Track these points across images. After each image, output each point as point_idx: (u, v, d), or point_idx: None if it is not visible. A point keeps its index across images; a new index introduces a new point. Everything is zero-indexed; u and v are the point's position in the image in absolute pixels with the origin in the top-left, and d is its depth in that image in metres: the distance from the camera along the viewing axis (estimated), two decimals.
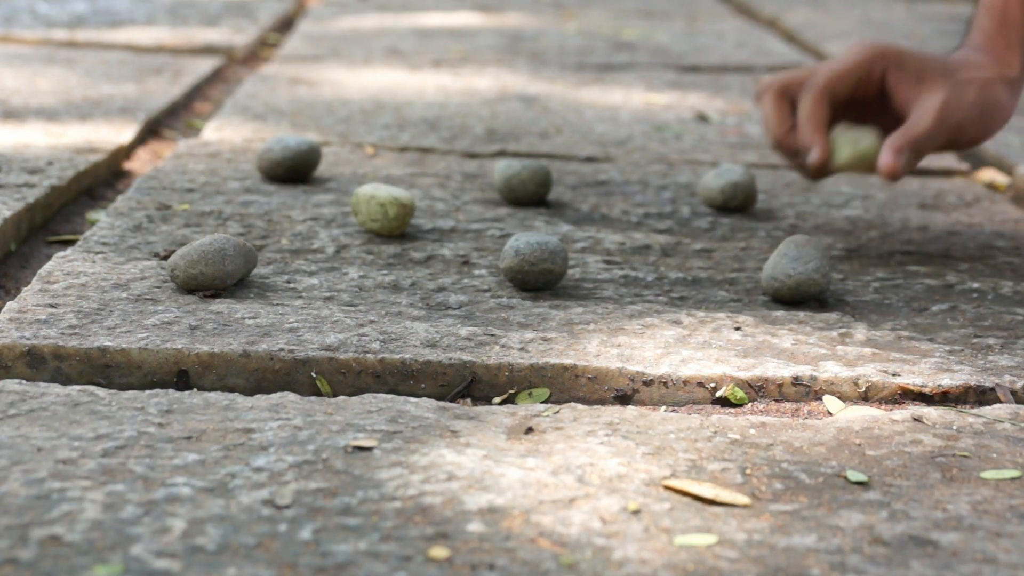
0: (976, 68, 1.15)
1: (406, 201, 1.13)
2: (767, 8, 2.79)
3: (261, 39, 2.26)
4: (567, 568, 0.63)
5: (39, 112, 1.54)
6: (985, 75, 1.15)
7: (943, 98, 1.12)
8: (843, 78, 1.14)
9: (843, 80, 1.14)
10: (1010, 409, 0.85)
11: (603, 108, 1.74)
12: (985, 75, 1.15)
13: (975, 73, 1.14)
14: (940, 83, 1.13)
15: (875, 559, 0.65)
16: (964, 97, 1.13)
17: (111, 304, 0.96)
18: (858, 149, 1.11)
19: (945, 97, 1.12)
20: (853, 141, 1.11)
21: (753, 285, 1.06)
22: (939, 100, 1.12)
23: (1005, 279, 1.10)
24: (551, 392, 0.88)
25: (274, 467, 0.72)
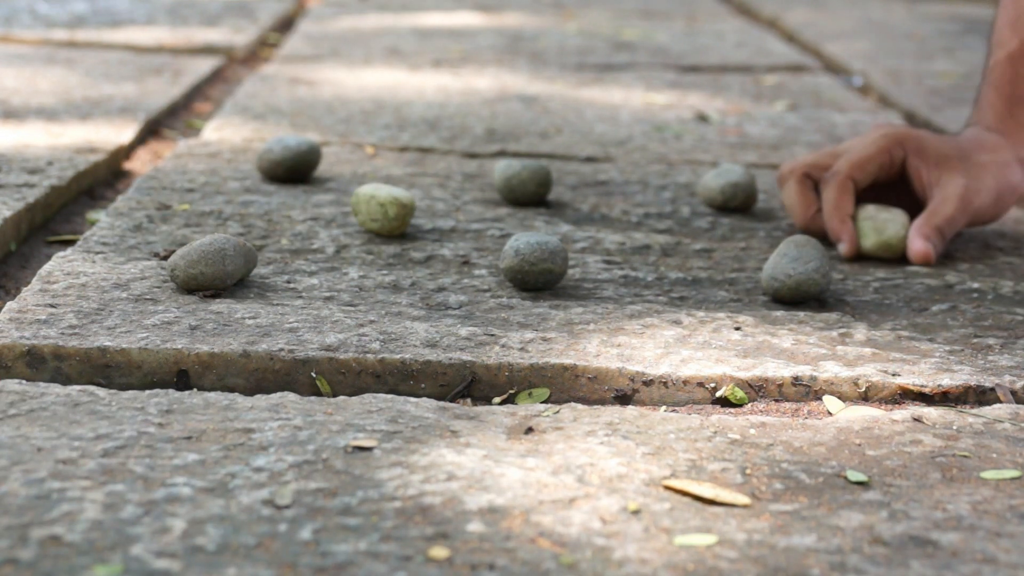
0: (991, 151, 1.18)
1: (406, 201, 1.13)
2: (767, 8, 2.79)
3: (261, 39, 2.26)
4: (567, 568, 0.63)
5: (39, 112, 1.55)
6: (1000, 158, 1.17)
7: (963, 185, 1.15)
8: (865, 166, 1.17)
9: (865, 168, 1.17)
10: (1010, 409, 0.85)
11: (603, 108, 1.74)
12: (1000, 158, 1.17)
13: (990, 157, 1.17)
14: (959, 169, 1.16)
15: (875, 559, 0.65)
16: (983, 183, 1.16)
17: (111, 304, 0.96)
18: (883, 238, 1.13)
19: (966, 183, 1.15)
20: (879, 229, 1.13)
21: (753, 285, 1.06)
22: (960, 187, 1.15)
23: (1005, 279, 1.10)
24: (551, 392, 0.88)
25: (274, 467, 0.72)
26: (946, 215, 1.14)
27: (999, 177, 1.17)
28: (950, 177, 1.15)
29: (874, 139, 1.18)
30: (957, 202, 1.14)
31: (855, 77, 2.05)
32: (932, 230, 1.14)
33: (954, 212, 1.14)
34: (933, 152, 1.17)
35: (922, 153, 1.17)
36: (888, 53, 2.23)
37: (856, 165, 1.16)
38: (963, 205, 1.15)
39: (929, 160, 1.17)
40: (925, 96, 1.87)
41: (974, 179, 1.15)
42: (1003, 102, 1.20)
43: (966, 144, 1.18)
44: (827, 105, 1.81)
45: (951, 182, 1.15)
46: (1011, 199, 1.19)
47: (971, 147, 1.18)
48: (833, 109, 1.78)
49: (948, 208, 1.14)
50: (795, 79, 2.01)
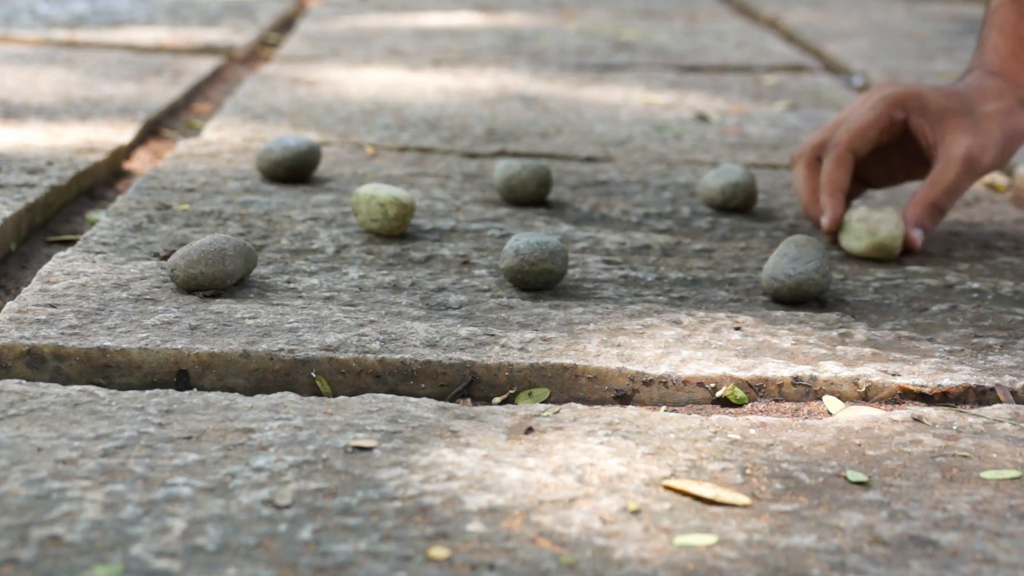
0: (995, 98, 1.16)
1: (406, 201, 1.13)
2: (767, 8, 2.79)
3: (261, 39, 2.26)
4: (567, 568, 0.63)
5: (39, 112, 1.55)
6: (1004, 104, 1.16)
7: (967, 145, 1.14)
8: (865, 133, 1.16)
9: (865, 135, 1.16)
10: (1010, 409, 0.85)
11: (603, 108, 1.74)
12: (1004, 104, 1.16)
13: (994, 104, 1.16)
14: (963, 125, 1.14)
15: (875, 559, 0.65)
16: (989, 136, 1.15)
17: (111, 304, 0.96)
18: (877, 239, 1.13)
19: (969, 144, 1.14)
20: (872, 231, 1.13)
21: (753, 285, 1.06)
22: (964, 147, 1.14)
23: (1005, 279, 1.10)
24: (551, 392, 0.88)
25: (274, 467, 0.72)
26: (946, 184, 1.14)
27: (1004, 126, 1.15)
28: (954, 136, 1.14)
29: (873, 103, 1.17)
30: (960, 165, 1.13)
31: (855, 77, 2.04)
32: (928, 208, 1.14)
33: (955, 178, 1.13)
34: (935, 108, 1.15)
35: (924, 111, 1.15)
36: (888, 53, 2.23)
37: (856, 134, 1.16)
38: (967, 166, 1.14)
39: (932, 117, 1.15)
40: None
41: (980, 133, 1.14)
42: (1007, 44, 1.18)
43: (969, 94, 1.17)
44: (827, 105, 1.81)
45: (956, 142, 1.14)
46: (1016, 145, 1.18)
47: (974, 96, 1.16)
48: (833, 109, 1.78)
49: (950, 174, 1.13)
50: (795, 79, 2.01)
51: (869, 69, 2.06)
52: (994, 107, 1.16)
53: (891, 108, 1.16)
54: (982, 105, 1.16)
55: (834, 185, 1.15)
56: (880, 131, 1.16)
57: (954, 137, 1.14)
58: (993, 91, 1.17)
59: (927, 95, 1.16)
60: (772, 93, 1.89)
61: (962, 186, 1.15)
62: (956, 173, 1.14)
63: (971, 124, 1.14)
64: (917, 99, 1.16)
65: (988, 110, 1.15)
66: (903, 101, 1.16)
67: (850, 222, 1.14)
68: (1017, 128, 1.16)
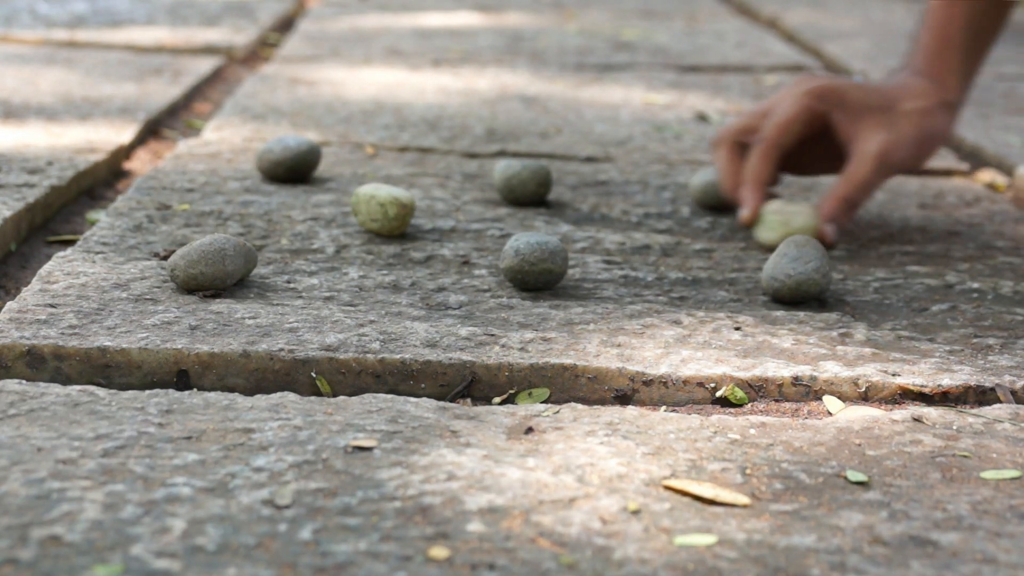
0: (916, 97, 1.17)
1: (406, 201, 1.13)
2: (767, 8, 2.79)
3: (261, 39, 2.26)
4: (567, 568, 0.63)
5: (39, 112, 1.54)
6: (924, 104, 1.17)
7: (881, 142, 1.15)
8: (789, 127, 1.17)
9: (790, 129, 1.17)
10: (1010, 409, 0.85)
11: (603, 108, 1.74)
12: (924, 104, 1.17)
13: (914, 103, 1.17)
14: (880, 122, 1.16)
15: (875, 559, 0.65)
16: (903, 135, 1.16)
17: (111, 304, 0.96)
18: (790, 230, 1.14)
19: (883, 140, 1.15)
20: (785, 222, 1.14)
21: (753, 285, 1.06)
22: (877, 144, 1.15)
23: (1005, 279, 1.10)
24: (551, 392, 0.88)
25: (274, 467, 0.72)
26: (859, 180, 1.15)
27: (921, 126, 1.16)
28: (869, 133, 1.16)
29: (796, 97, 1.18)
30: (873, 162, 1.15)
31: (855, 77, 2.04)
32: (841, 203, 1.15)
33: (869, 174, 1.15)
34: (854, 104, 1.16)
35: (844, 107, 1.17)
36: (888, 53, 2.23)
37: (781, 128, 1.17)
38: (880, 163, 1.15)
39: (851, 113, 1.17)
40: None
41: (895, 131, 1.15)
42: (935, 44, 1.19)
43: (891, 92, 1.18)
44: None
45: (870, 139, 1.15)
46: (934, 146, 1.19)
47: (896, 95, 1.17)
48: None
49: (863, 170, 1.15)
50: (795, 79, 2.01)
51: (869, 69, 2.06)
52: (913, 106, 1.17)
53: (813, 102, 1.17)
54: (902, 103, 1.17)
55: (756, 179, 1.16)
56: (804, 124, 1.17)
57: (869, 134, 1.16)
58: (916, 90, 1.18)
59: (848, 91, 1.17)
60: (772, 93, 1.89)
61: (875, 182, 1.16)
62: (869, 170, 1.15)
63: (888, 122, 1.16)
64: (838, 94, 1.17)
65: (907, 109, 1.16)
66: (825, 95, 1.17)
67: (765, 214, 1.15)
68: (935, 129, 1.18)
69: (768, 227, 1.15)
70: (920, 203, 1.33)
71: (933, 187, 1.40)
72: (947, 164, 1.49)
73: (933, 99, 1.17)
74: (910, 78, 1.19)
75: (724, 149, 1.21)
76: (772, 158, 1.17)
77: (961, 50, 1.19)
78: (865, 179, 1.15)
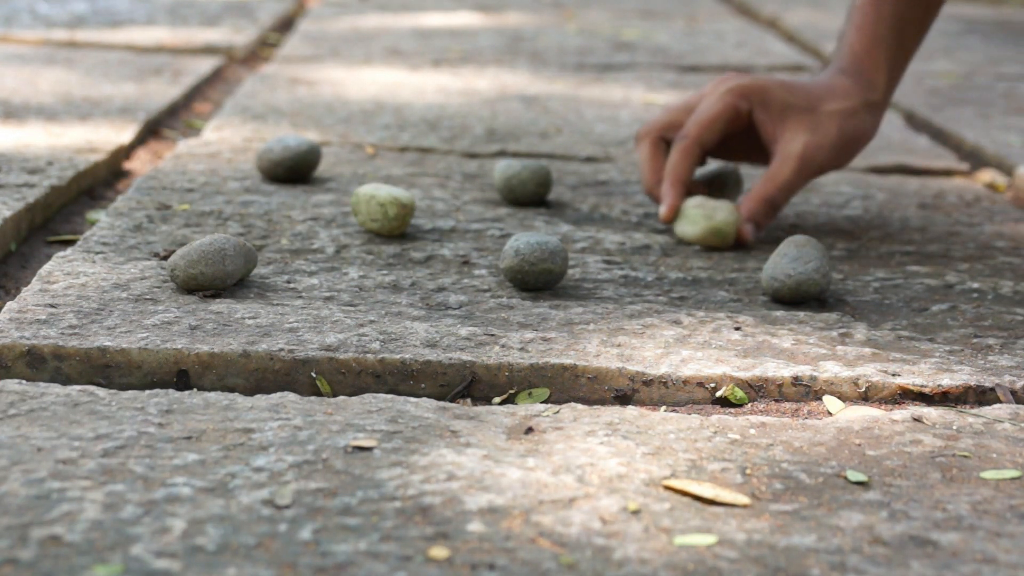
0: (840, 97, 1.18)
1: (406, 201, 1.13)
2: (767, 8, 2.79)
3: (261, 39, 2.26)
4: (567, 568, 0.63)
5: (39, 112, 1.55)
6: (848, 105, 1.17)
7: (804, 142, 1.16)
8: (712, 126, 1.17)
9: (713, 127, 1.17)
10: (1010, 409, 0.85)
11: (603, 108, 1.74)
12: (848, 105, 1.17)
13: (838, 104, 1.17)
14: (803, 122, 1.16)
15: (875, 559, 0.65)
16: (826, 136, 1.16)
17: (111, 304, 0.96)
18: (711, 224, 1.14)
19: (805, 142, 1.16)
20: (708, 216, 1.15)
21: (753, 285, 1.06)
22: (800, 145, 1.16)
23: (1005, 279, 1.10)
24: (551, 392, 0.88)
25: (274, 467, 0.72)
26: (781, 181, 1.16)
27: (844, 127, 1.17)
28: (792, 134, 1.16)
29: (720, 95, 1.18)
30: (795, 163, 1.15)
31: None
32: (762, 204, 1.16)
33: (790, 175, 1.16)
34: (778, 104, 1.17)
35: (767, 105, 1.17)
36: None
37: (704, 126, 1.17)
38: (802, 165, 1.16)
39: (773, 113, 1.17)
40: (925, 96, 1.87)
41: (817, 133, 1.16)
42: (861, 42, 1.19)
43: (816, 91, 1.18)
44: None
45: (793, 139, 1.16)
46: (857, 147, 1.19)
47: (821, 94, 1.17)
48: None
49: (785, 171, 1.16)
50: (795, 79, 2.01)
51: None
52: (837, 107, 1.17)
53: (736, 100, 1.17)
54: (826, 104, 1.17)
55: (676, 176, 1.17)
56: (727, 122, 1.17)
57: (792, 135, 1.16)
58: (841, 90, 1.18)
59: (772, 90, 1.17)
60: None
61: (797, 183, 1.17)
62: (791, 171, 1.15)
63: (811, 122, 1.16)
64: (762, 93, 1.17)
65: (831, 109, 1.17)
66: (748, 94, 1.17)
67: (686, 209, 1.16)
68: (858, 130, 1.18)
69: (690, 221, 1.15)
70: (920, 203, 1.34)
71: (933, 187, 1.40)
72: (947, 164, 1.49)
73: (857, 100, 1.17)
74: (836, 77, 1.19)
75: (646, 145, 1.21)
76: (693, 156, 1.17)
77: (889, 49, 1.19)
78: (787, 180, 1.16)
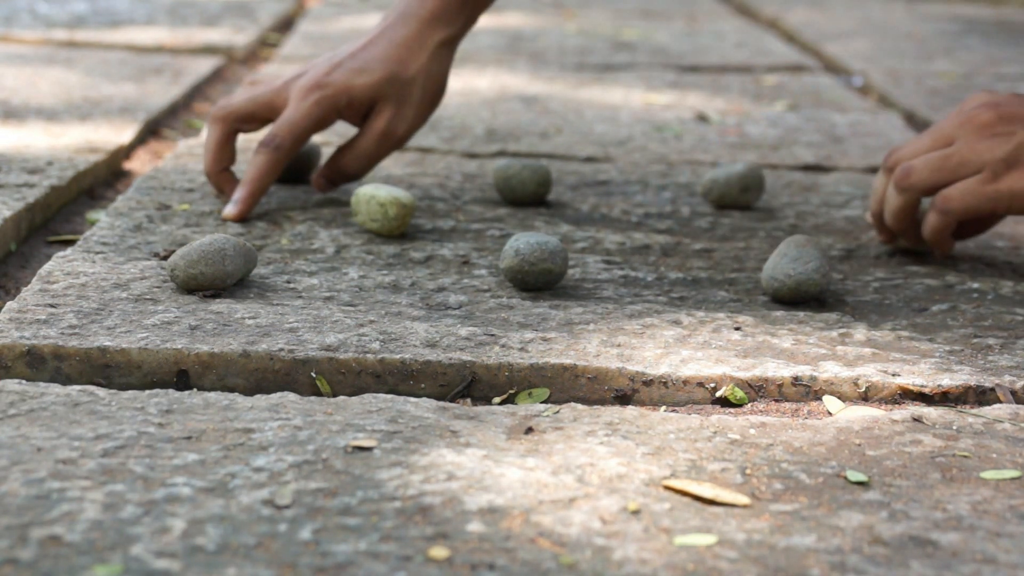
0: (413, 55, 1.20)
1: (406, 201, 1.13)
2: (767, 8, 2.79)
3: (261, 39, 2.26)
4: (567, 568, 0.63)
5: (39, 112, 1.55)
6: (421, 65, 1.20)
7: (386, 120, 1.20)
8: (303, 136, 1.19)
9: (303, 138, 1.19)
10: (1010, 409, 0.85)
11: (603, 108, 1.74)
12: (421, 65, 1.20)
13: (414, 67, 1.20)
14: (387, 105, 1.20)
15: (875, 559, 0.65)
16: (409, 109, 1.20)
17: (111, 304, 0.96)
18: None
19: (388, 117, 1.20)
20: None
21: (753, 285, 1.06)
22: (382, 124, 1.20)
23: (1005, 279, 1.10)
24: (551, 392, 0.88)
25: (274, 467, 0.72)
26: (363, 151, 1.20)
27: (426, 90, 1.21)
28: (376, 114, 1.20)
29: (310, 104, 1.18)
30: (377, 138, 1.20)
31: (855, 77, 2.05)
32: (330, 171, 1.22)
33: (370, 148, 1.20)
34: (362, 101, 1.19)
35: (353, 105, 1.19)
36: (888, 53, 2.23)
37: (299, 139, 1.18)
38: (384, 140, 1.20)
39: (361, 110, 1.20)
40: (925, 96, 1.87)
41: (401, 108, 1.20)
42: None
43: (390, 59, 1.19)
44: (827, 105, 1.81)
45: (377, 117, 1.20)
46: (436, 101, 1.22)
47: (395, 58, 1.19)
48: (833, 109, 1.78)
49: (363, 144, 1.20)
50: (795, 79, 2.01)
51: (869, 69, 2.06)
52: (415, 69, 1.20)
53: (325, 113, 1.18)
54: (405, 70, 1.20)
55: (262, 185, 1.17)
56: (315, 126, 1.19)
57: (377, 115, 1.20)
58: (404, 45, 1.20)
59: (354, 89, 1.18)
60: (772, 93, 1.89)
61: (377, 156, 1.22)
62: (371, 143, 1.21)
63: (396, 101, 1.20)
64: (346, 96, 1.18)
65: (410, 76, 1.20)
66: (335, 103, 1.18)
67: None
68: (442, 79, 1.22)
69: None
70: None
71: None
72: None
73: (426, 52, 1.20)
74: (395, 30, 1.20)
75: (219, 129, 1.20)
76: (281, 166, 1.18)
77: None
78: (364, 151, 1.21)
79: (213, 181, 1.21)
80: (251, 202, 1.17)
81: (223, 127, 1.20)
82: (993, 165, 1.05)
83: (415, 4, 1.21)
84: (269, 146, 1.17)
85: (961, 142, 1.07)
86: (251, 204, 1.17)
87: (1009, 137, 1.06)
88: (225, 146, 1.20)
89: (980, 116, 1.07)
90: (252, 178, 1.17)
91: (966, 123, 1.08)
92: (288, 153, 1.18)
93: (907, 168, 1.08)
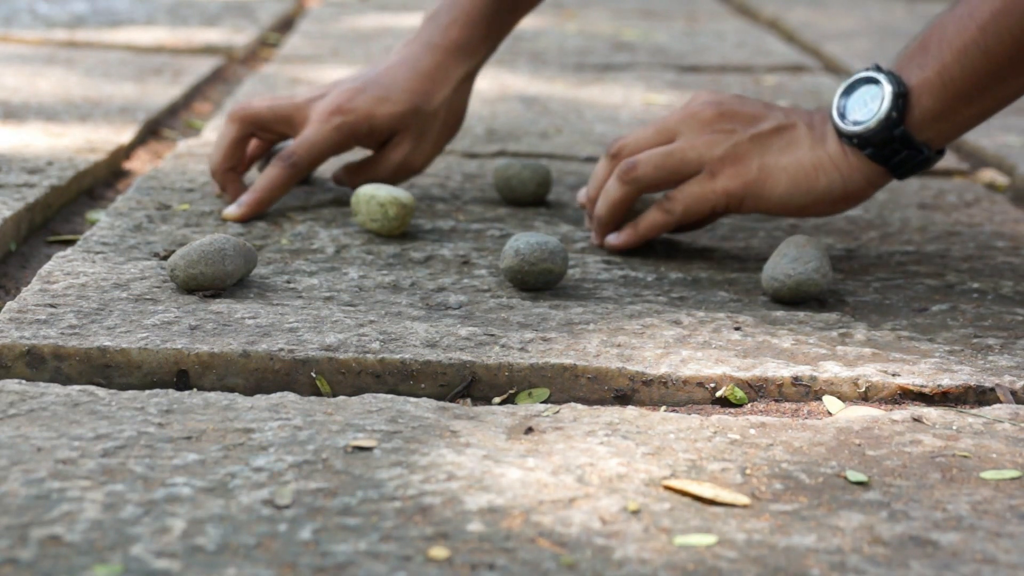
0: (440, 85, 1.21)
1: (406, 201, 1.13)
2: (767, 8, 2.80)
3: (261, 39, 2.26)
4: (567, 568, 0.63)
5: (39, 112, 1.54)
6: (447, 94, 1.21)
7: (407, 151, 1.21)
8: (320, 157, 1.19)
9: (320, 158, 1.20)
10: (1010, 409, 0.85)
11: (603, 108, 1.74)
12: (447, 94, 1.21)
13: (440, 95, 1.21)
14: (407, 137, 1.21)
15: (875, 559, 0.65)
16: (426, 144, 1.22)
17: (111, 304, 0.96)
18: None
19: (410, 149, 1.21)
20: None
21: (753, 285, 1.06)
22: (402, 154, 1.21)
23: (1005, 279, 1.10)
24: (551, 392, 0.88)
25: (274, 467, 0.72)
26: (377, 179, 1.21)
27: (449, 127, 1.22)
28: (395, 145, 1.21)
29: (328, 132, 1.18)
30: (393, 169, 1.21)
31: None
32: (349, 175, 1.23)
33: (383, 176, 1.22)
34: (382, 131, 1.20)
35: (373, 134, 1.20)
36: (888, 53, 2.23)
37: (316, 159, 1.19)
38: (399, 171, 1.22)
39: (381, 139, 1.20)
40: None
41: (420, 142, 1.21)
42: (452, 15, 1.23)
43: (416, 92, 1.20)
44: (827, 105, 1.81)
45: (396, 148, 1.21)
46: (457, 120, 1.23)
47: (422, 90, 1.20)
48: None
49: (381, 173, 1.21)
50: (795, 79, 2.01)
51: None
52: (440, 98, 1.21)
53: (344, 139, 1.19)
54: (430, 102, 1.21)
55: (272, 196, 1.18)
56: (333, 150, 1.20)
57: (395, 145, 1.22)
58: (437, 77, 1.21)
59: (376, 117, 1.19)
60: (772, 93, 1.89)
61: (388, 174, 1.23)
62: (390, 169, 1.22)
63: (416, 132, 1.21)
64: (368, 123, 1.19)
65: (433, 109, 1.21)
66: (355, 131, 1.19)
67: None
68: (461, 112, 1.24)
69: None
70: (920, 203, 1.33)
71: (933, 187, 1.40)
72: (947, 164, 1.49)
73: (451, 82, 1.21)
74: (425, 56, 1.21)
75: (235, 129, 1.20)
76: (293, 182, 1.18)
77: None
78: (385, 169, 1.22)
79: (218, 179, 1.21)
80: (256, 208, 1.17)
81: (240, 128, 1.20)
82: (711, 164, 1.07)
83: (438, 34, 1.21)
84: (287, 161, 1.17)
85: (683, 138, 1.08)
86: (255, 211, 1.17)
87: (729, 135, 1.07)
88: (237, 146, 1.20)
89: (702, 113, 1.08)
90: (263, 187, 1.17)
91: (688, 118, 1.09)
92: (303, 172, 1.18)
93: (632, 163, 1.08)
